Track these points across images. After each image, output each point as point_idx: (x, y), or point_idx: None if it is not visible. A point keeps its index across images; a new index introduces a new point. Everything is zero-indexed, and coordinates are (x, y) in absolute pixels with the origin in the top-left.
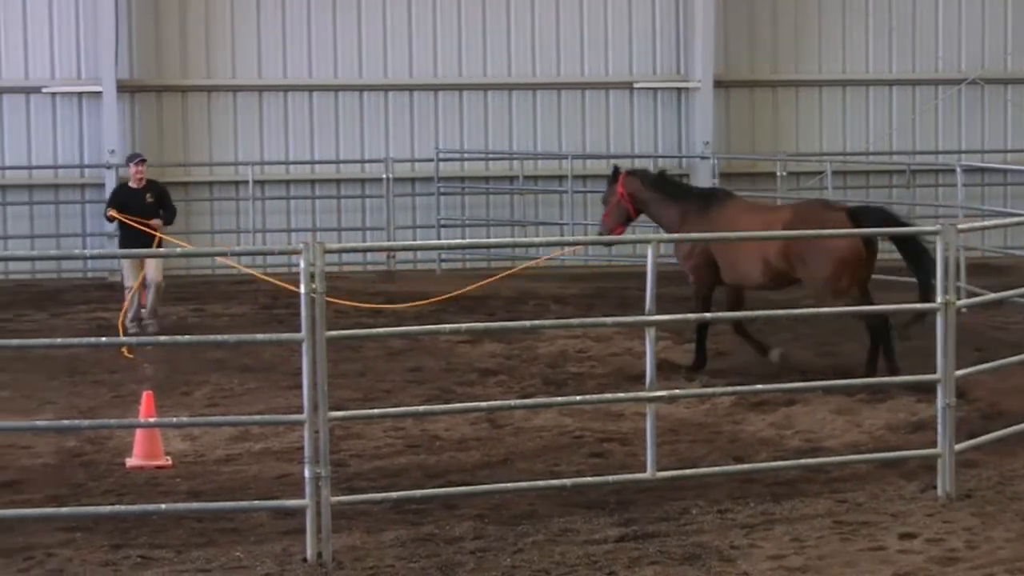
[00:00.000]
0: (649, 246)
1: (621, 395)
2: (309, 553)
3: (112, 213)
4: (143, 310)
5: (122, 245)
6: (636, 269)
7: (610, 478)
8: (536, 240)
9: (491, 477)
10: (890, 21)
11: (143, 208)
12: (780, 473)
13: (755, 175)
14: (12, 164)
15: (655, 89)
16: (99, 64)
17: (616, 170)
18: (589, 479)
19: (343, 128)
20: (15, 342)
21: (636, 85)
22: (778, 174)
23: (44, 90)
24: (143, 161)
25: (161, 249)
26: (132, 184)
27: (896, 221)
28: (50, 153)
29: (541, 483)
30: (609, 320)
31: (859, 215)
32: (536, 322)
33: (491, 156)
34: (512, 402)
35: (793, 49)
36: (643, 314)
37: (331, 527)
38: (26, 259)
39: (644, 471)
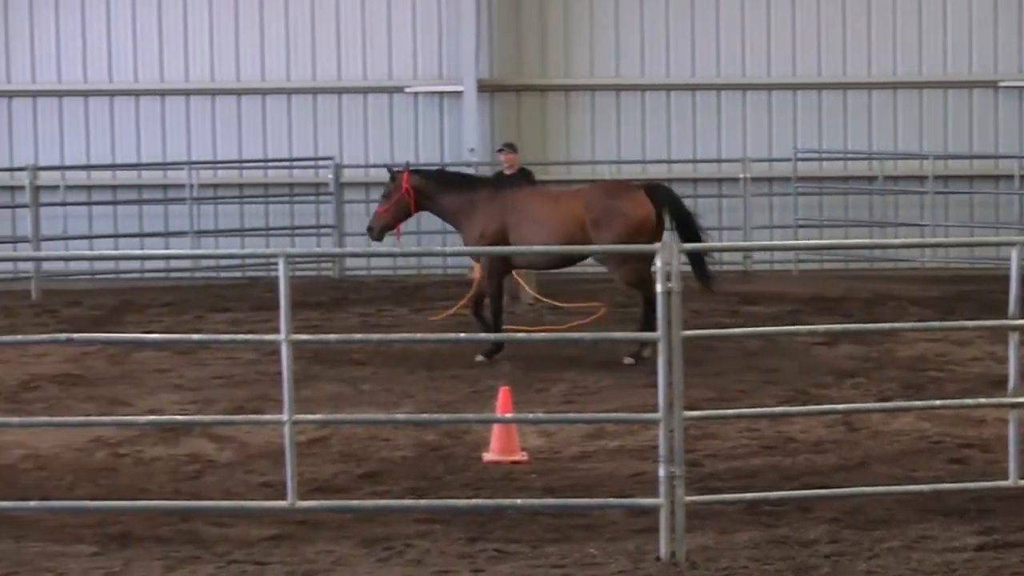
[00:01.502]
0: (1014, 248)
1: (982, 400)
2: (663, 552)
3: None
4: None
5: None
6: (1000, 272)
7: (970, 485)
8: (895, 242)
9: (847, 480)
10: None
11: None
12: None
13: None
14: (376, 162)
15: (1022, 88)
16: (460, 64)
17: (407, 165)
18: (948, 485)
19: (700, 127)
20: (376, 337)
21: (1001, 84)
22: None
23: (407, 90)
24: (509, 150)
25: (513, 247)
26: (506, 171)
27: (681, 202)
28: (412, 151)
29: (898, 488)
30: (971, 324)
31: (652, 190)
32: (895, 324)
33: (850, 156)
34: (870, 405)
35: None
36: (1006, 318)
37: (685, 526)
38: (387, 255)
39: (1006, 479)
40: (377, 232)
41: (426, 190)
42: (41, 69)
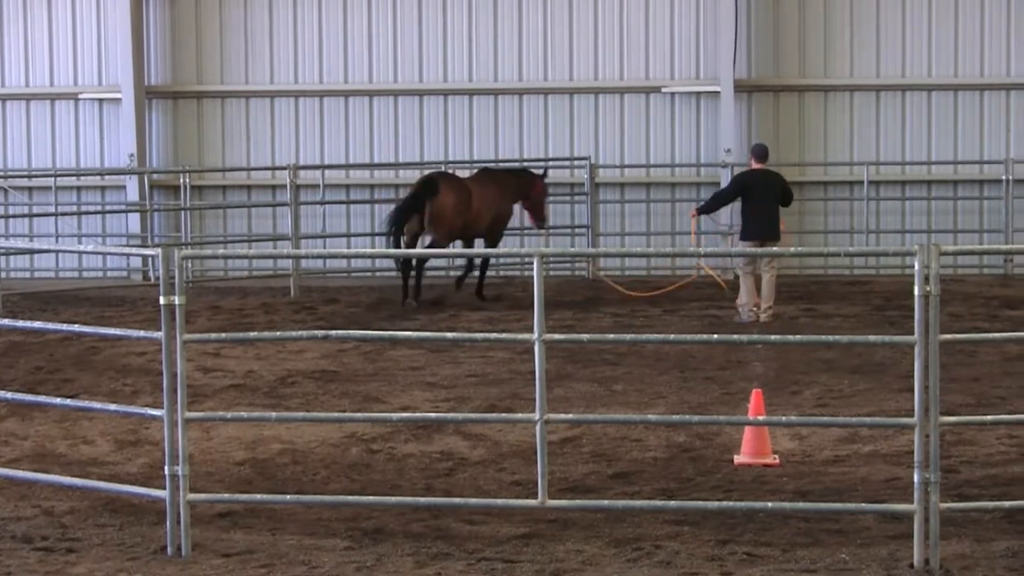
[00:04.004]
0: None
1: None
2: (916, 559)
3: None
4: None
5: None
6: None
7: None
8: None
9: None
10: None
11: None
12: None
13: None
14: (632, 163)
15: None
16: (718, 64)
17: None
18: None
19: (962, 128)
20: (629, 337)
21: None
22: None
23: (664, 90)
24: (752, 153)
25: (775, 248)
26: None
27: (418, 196)
28: (668, 152)
29: None
30: None
31: (425, 177)
32: None
33: None
34: None
35: None
36: None
37: (939, 534)
38: (641, 255)
39: None
40: None
41: None
42: (303, 70)
